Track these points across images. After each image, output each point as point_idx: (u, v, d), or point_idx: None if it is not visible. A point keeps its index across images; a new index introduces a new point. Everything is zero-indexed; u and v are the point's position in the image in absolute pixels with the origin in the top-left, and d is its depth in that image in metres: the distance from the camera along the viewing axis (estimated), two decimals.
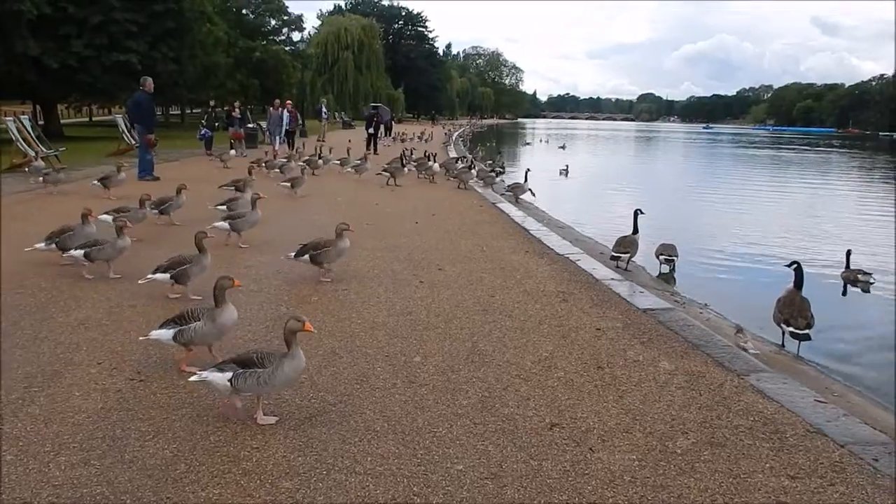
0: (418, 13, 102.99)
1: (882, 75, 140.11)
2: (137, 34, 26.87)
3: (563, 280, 7.33)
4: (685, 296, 8.25)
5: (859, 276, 9.63)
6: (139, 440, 3.53)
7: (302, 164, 16.86)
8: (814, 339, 6.53)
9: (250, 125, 26.36)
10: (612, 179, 27.84)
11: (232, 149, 20.87)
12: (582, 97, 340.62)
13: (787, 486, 3.31)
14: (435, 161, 18.18)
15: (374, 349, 4.99)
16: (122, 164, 12.97)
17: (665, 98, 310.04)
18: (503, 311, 6.04)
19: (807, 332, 6.47)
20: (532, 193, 14.98)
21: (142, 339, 4.56)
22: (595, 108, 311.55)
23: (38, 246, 6.95)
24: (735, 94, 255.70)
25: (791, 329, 6.53)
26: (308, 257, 6.64)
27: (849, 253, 9.87)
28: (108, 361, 4.56)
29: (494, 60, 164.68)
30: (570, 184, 24.17)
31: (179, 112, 54.22)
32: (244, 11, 52.72)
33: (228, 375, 3.64)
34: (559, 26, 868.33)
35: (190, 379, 3.85)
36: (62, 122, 33.93)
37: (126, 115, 19.10)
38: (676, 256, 9.80)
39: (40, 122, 26.66)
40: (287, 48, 57.65)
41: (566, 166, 26.00)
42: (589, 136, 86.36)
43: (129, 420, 3.75)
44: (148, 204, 8.60)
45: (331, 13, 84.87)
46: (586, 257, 8.70)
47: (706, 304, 7.93)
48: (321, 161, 18.17)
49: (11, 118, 17.33)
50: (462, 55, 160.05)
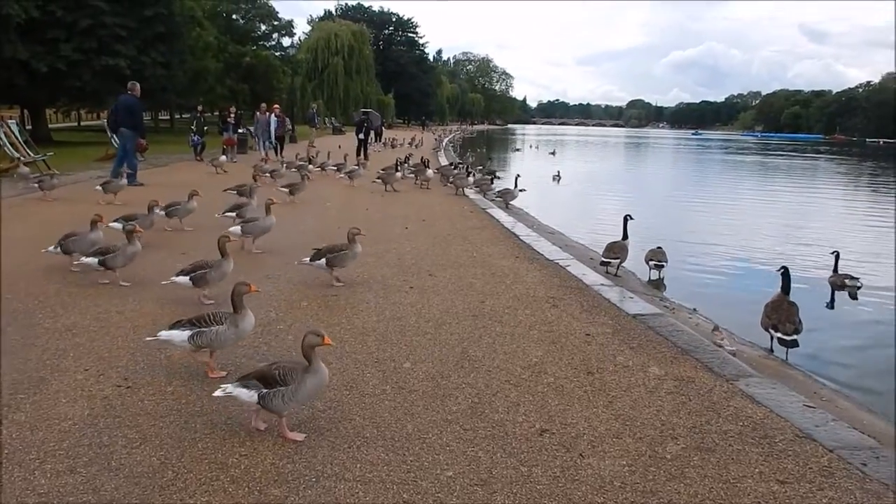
0: (409, 19, 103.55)
1: (868, 82, 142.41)
2: (127, 38, 26.69)
3: (553, 286, 7.34)
4: (674, 301, 8.30)
5: (846, 281, 9.69)
6: (126, 447, 3.50)
7: (295, 169, 16.89)
8: (802, 344, 6.56)
9: (241, 130, 26.27)
10: (601, 185, 28.14)
11: (223, 154, 20.79)
12: (572, 103, 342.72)
13: (777, 490, 3.32)
14: (429, 167, 18.24)
15: (364, 355, 4.98)
16: (123, 170, 13.03)
17: (654, 104, 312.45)
18: (493, 317, 6.04)
19: (794, 338, 6.50)
20: (519, 188, 15.36)
21: (148, 339, 4.54)
22: (585, 114, 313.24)
23: (49, 249, 7.02)
24: (724, 100, 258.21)
25: (779, 335, 6.57)
26: (324, 261, 6.75)
27: (837, 256, 9.90)
28: (94, 368, 4.52)
29: (485, 66, 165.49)
30: (561, 189, 24.35)
31: (169, 117, 53.97)
32: (234, 16, 52.52)
33: (254, 394, 3.57)
34: (549, 33, 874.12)
35: (215, 394, 3.71)
36: (50, 126, 33.68)
37: (109, 120, 18.70)
38: (666, 262, 9.85)
39: (28, 127, 26.40)
40: (277, 53, 57.60)
41: (558, 172, 26.52)
42: (578, 142, 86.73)
43: (116, 427, 3.72)
44: (157, 209, 8.67)
45: (321, 18, 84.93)
46: (576, 263, 8.72)
47: (695, 309, 7.98)
48: (311, 166, 18.22)
49: None
50: (452, 61, 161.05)
